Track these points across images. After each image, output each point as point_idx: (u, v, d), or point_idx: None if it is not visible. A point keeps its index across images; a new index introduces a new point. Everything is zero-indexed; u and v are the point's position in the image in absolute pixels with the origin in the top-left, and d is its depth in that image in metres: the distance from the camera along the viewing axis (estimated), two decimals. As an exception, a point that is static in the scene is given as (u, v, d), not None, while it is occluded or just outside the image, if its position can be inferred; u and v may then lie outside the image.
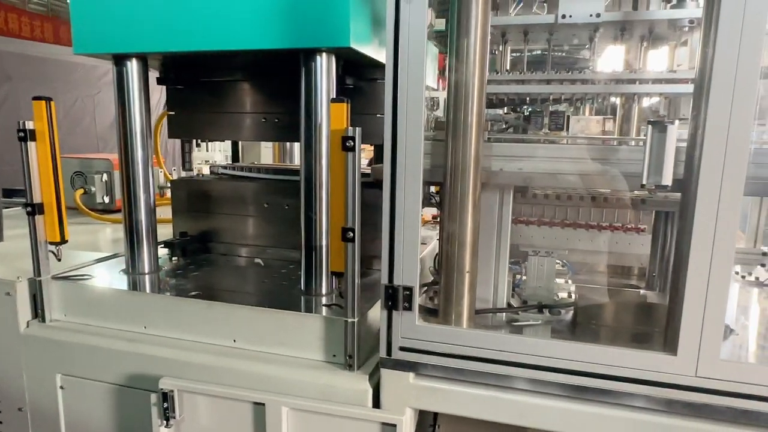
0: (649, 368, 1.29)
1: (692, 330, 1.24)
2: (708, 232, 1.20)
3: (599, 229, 1.93)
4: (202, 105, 2.31)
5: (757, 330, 1.87)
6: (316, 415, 1.54)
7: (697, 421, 1.28)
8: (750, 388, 1.23)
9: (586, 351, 1.34)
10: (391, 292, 1.45)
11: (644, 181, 1.25)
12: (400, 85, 1.35)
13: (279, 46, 1.64)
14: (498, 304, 1.78)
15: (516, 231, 1.94)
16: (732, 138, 1.16)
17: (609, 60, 2.39)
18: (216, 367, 1.67)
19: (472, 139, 1.49)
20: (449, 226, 1.55)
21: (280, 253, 2.30)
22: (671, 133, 1.20)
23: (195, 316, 1.76)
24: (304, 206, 1.79)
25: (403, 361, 1.48)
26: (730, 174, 1.17)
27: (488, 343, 1.40)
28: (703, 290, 1.22)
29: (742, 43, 1.13)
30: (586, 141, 1.79)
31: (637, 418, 1.31)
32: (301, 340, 1.65)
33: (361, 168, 1.54)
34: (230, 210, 2.37)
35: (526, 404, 1.39)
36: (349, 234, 1.48)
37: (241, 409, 1.61)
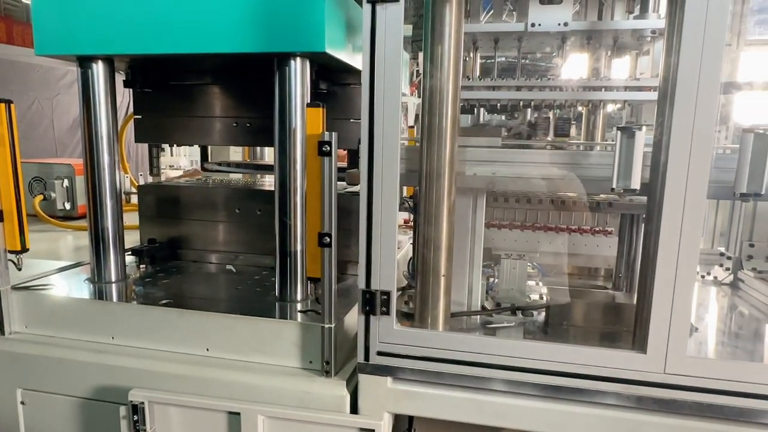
0: (620, 366, 1.33)
1: (660, 329, 1.29)
2: (674, 235, 1.25)
3: (568, 232, 1.98)
4: (171, 109, 2.27)
5: (716, 327, 1.96)
6: (292, 422, 1.52)
7: (665, 416, 1.33)
8: (714, 383, 1.28)
9: (560, 351, 1.37)
10: (368, 297, 1.45)
11: (614, 185, 1.29)
12: (376, 90, 1.36)
13: (252, 50, 1.62)
14: (472, 307, 1.81)
15: (488, 235, 1.97)
16: (696, 143, 1.21)
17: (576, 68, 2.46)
18: (189, 377, 1.63)
19: (447, 143, 1.51)
20: (425, 230, 1.57)
21: (252, 259, 2.26)
22: (639, 138, 1.25)
23: (166, 325, 1.71)
24: (278, 211, 1.77)
25: (380, 366, 1.48)
26: (694, 178, 1.23)
27: (465, 346, 1.42)
28: (670, 290, 1.27)
29: (704, 53, 1.19)
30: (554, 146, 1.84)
31: (608, 415, 1.35)
32: (276, 347, 1.63)
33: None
34: (201, 216, 2.32)
35: (502, 405, 1.41)
36: (325, 239, 1.48)
37: (216, 420, 1.57)
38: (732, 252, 2.38)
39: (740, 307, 2.09)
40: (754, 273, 2.21)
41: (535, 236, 2.00)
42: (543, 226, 2.01)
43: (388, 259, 1.43)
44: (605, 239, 1.98)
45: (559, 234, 1.98)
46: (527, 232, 2.00)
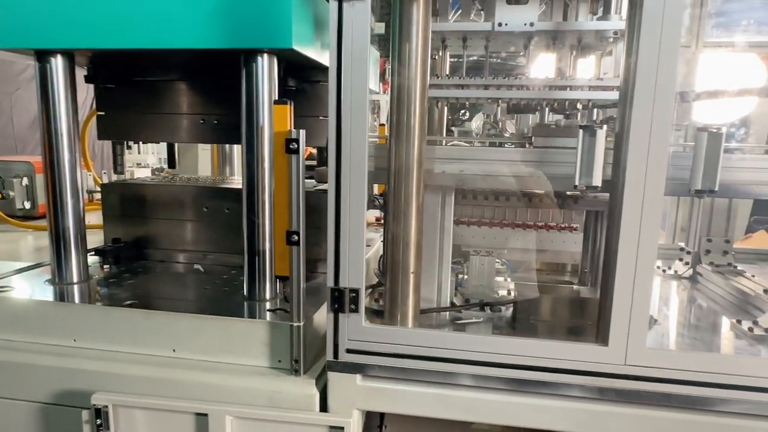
0: (584, 359, 1.37)
1: (621, 321, 1.33)
2: (633, 230, 1.29)
3: (535, 229, 2.02)
4: (135, 105, 2.21)
5: (677, 319, 2.03)
6: (261, 422, 1.50)
7: (626, 406, 1.37)
8: (672, 373, 1.33)
9: (526, 346, 1.40)
10: (337, 295, 1.45)
11: (577, 182, 1.33)
12: (343, 87, 1.36)
13: (218, 46, 1.60)
14: (442, 304, 1.82)
15: (457, 232, 2.00)
16: (653, 142, 1.25)
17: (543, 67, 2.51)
18: (155, 379, 1.60)
19: (415, 141, 1.51)
20: (394, 227, 1.57)
21: (221, 258, 2.23)
22: (600, 137, 1.28)
23: (130, 327, 1.68)
24: (246, 209, 1.75)
25: (350, 363, 1.48)
26: (652, 175, 1.27)
27: (433, 342, 1.43)
28: (630, 284, 1.30)
29: (660, 54, 1.22)
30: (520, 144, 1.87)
31: (572, 407, 1.39)
32: (245, 347, 1.62)
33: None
34: (167, 215, 2.28)
35: (470, 400, 1.43)
36: (294, 237, 1.47)
37: (183, 422, 1.55)
38: (691, 247, 2.47)
39: (699, 300, 2.17)
40: (711, 267, 2.30)
41: (503, 233, 2.03)
42: (511, 223, 2.04)
43: (357, 256, 1.43)
44: (571, 235, 2.02)
45: (527, 230, 2.01)
46: (495, 229, 2.03)
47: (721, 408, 1.32)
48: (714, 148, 1.24)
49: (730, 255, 2.35)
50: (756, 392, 1.30)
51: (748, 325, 1.71)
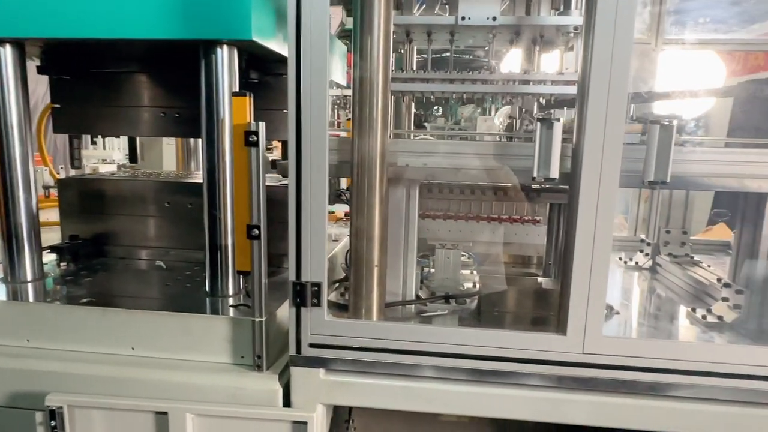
0: (543, 349, 1.39)
1: (578, 311, 1.35)
2: (589, 221, 1.31)
3: (499, 221, 2.04)
4: (92, 97, 2.14)
5: (637, 309, 2.09)
6: (223, 419, 1.48)
7: (584, 394, 1.40)
8: (627, 360, 1.36)
9: (487, 336, 1.41)
10: (299, 289, 1.44)
11: (535, 174, 1.34)
12: (303, 79, 1.34)
13: (174, 37, 1.56)
14: (407, 297, 1.83)
15: (423, 225, 2.01)
16: (608, 135, 1.28)
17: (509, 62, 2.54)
18: (113, 378, 1.56)
19: (377, 134, 1.51)
20: (357, 221, 1.57)
21: (184, 254, 2.19)
22: (557, 129, 1.30)
23: (87, 325, 1.63)
24: (207, 204, 1.71)
25: (313, 358, 1.47)
26: (607, 168, 1.29)
27: (396, 335, 1.44)
28: (587, 274, 1.33)
29: (614, 49, 1.25)
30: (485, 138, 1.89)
31: (532, 396, 1.41)
32: (206, 343, 1.59)
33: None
34: (128, 210, 2.22)
35: (433, 391, 1.44)
36: (254, 231, 1.45)
37: (142, 421, 1.51)
38: (651, 239, 2.54)
39: (657, 289, 2.23)
40: (669, 258, 2.37)
41: (468, 226, 2.05)
42: (476, 216, 2.06)
43: (319, 250, 1.42)
44: (534, 228, 2.05)
45: (491, 223, 2.03)
46: (461, 222, 2.05)
47: (673, 393, 1.36)
48: (666, 141, 1.28)
49: (688, 246, 2.43)
50: (706, 377, 1.34)
51: (702, 313, 1.77)
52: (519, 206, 2.11)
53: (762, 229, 1.66)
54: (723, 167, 1.51)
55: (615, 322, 1.77)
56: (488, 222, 2.04)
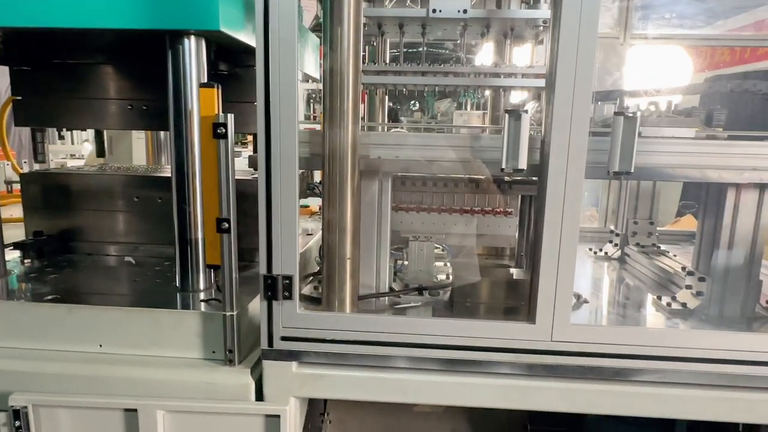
0: (513, 337, 1.41)
1: (547, 300, 1.38)
2: (557, 212, 1.34)
3: (472, 213, 2.05)
4: (56, 89, 2.08)
5: (605, 298, 2.13)
6: (195, 415, 1.47)
7: (553, 381, 1.43)
8: (594, 347, 1.39)
9: (458, 326, 1.43)
10: (270, 282, 1.43)
11: (504, 166, 1.36)
12: (271, 68, 1.33)
13: (139, 27, 1.51)
14: (381, 290, 1.83)
15: (396, 218, 2.01)
16: (574, 127, 1.30)
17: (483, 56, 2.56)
18: (80, 376, 1.52)
19: (348, 126, 1.51)
20: (329, 213, 1.56)
21: (154, 250, 2.15)
22: (525, 121, 1.31)
23: (53, 323, 1.59)
24: (176, 198, 1.68)
25: (285, 351, 1.46)
26: (573, 159, 1.32)
27: (368, 326, 1.44)
28: (555, 264, 1.36)
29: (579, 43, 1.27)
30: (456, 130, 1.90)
31: (502, 384, 1.43)
32: (177, 338, 1.57)
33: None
34: (95, 205, 2.17)
35: (406, 381, 1.45)
36: (224, 225, 1.43)
37: (111, 419, 1.49)
38: (620, 229, 2.60)
39: (626, 279, 2.29)
40: (637, 248, 2.43)
41: (441, 218, 2.06)
42: (449, 209, 2.07)
43: (290, 243, 1.42)
44: (506, 219, 2.07)
45: (464, 216, 2.05)
46: (434, 215, 2.05)
47: (639, 378, 1.40)
48: (629, 132, 1.31)
49: (654, 236, 2.50)
50: (670, 361, 1.38)
51: (667, 300, 1.82)
52: (491, 198, 2.13)
53: (723, 218, 1.71)
54: (685, 158, 1.55)
55: (584, 311, 1.81)
56: (461, 214, 2.05)
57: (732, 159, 1.56)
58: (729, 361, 1.38)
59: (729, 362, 1.38)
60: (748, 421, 1.42)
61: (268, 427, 1.46)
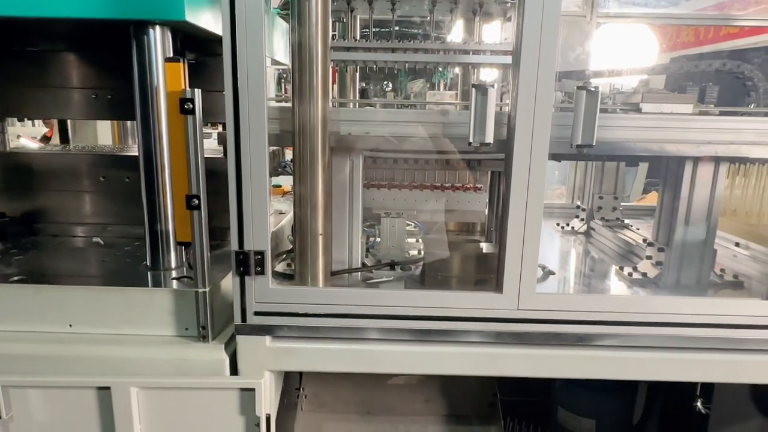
0: (481, 307, 1.46)
1: (513, 270, 1.42)
2: (522, 185, 1.37)
3: (443, 190, 2.09)
4: (16, 78, 2.01)
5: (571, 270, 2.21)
6: (169, 391, 1.48)
7: (519, 348, 1.48)
8: (558, 314, 1.45)
9: (428, 297, 1.47)
10: (242, 258, 1.43)
11: (471, 140, 1.39)
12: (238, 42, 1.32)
13: (102, 16, 1.47)
14: (353, 266, 1.86)
15: (369, 195, 2.03)
16: (539, 101, 1.33)
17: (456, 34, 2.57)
18: (50, 357, 1.51)
19: (318, 101, 1.50)
20: (300, 189, 1.57)
21: (123, 230, 2.12)
22: (491, 95, 1.34)
23: (18, 304, 1.56)
24: (144, 175, 1.66)
25: (258, 326, 1.48)
26: (538, 134, 1.35)
27: (340, 299, 1.47)
28: (521, 235, 1.40)
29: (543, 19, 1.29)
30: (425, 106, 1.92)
31: (471, 352, 1.48)
32: (149, 316, 1.56)
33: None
34: (60, 186, 2.12)
35: (378, 352, 1.49)
36: (194, 201, 1.43)
37: (84, 398, 1.49)
38: (586, 205, 2.67)
39: (591, 252, 2.37)
40: (602, 222, 2.51)
41: (412, 195, 2.08)
42: (420, 185, 2.10)
43: (261, 218, 1.42)
44: (476, 195, 2.11)
45: (434, 192, 2.08)
46: (405, 192, 2.08)
47: (600, 342, 1.47)
48: (591, 106, 1.35)
49: (619, 211, 2.58)
50: (628, 326, 1.45)
51: (628, 270, 1.89)
52: (461, 175, 2.17)
53: (681, 191, 1.78)
54: (644, 133, 1.61)
55: (550, 282, 1.87)
56: (432, 190, 2.08)
57: (690, 133, 1.62)
58: (684, 324, 1.46)
59: (684, 325, 1.46)
60: (701, 380, 1.50)
61: (243, 400, 1.48)
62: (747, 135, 1.63)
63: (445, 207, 2.13)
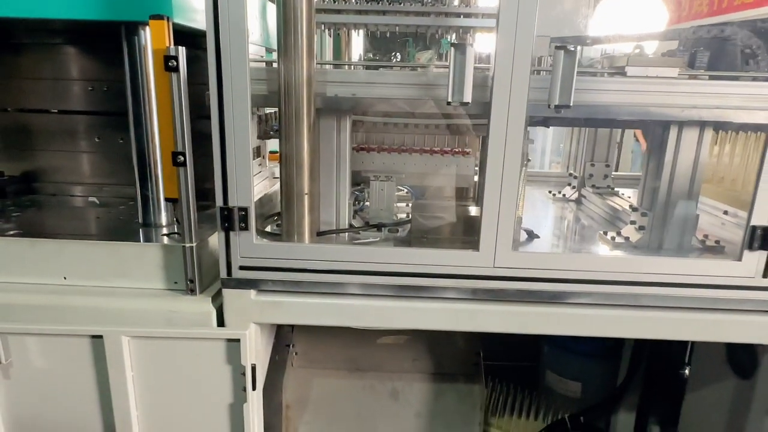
0: (459, 264, 1.50)
1: (490, 228, 1.46)
2: (499, 143, 1.40)
3: (431, 153, 2.11)
4: (16, 70, 2.06)
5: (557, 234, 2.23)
6: (159, 340, 1.55)
7: (495, 304, 1.53)
8: (532, 273, 1.49)
9: (407, 254, 1.51)
10: (226, 214, 1.48)
11: (450, 99, 1.40)
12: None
13: (94, 18, 1.51)
14: (341, 227, 1.90)
15: (358, 158, 2.05)
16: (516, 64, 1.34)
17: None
18: (46, 307, 1.58)
19: (303, 61, 1.52)
20: (286, 149, 1.60)
21: (118, 190, 2.17)
22: (470, 54, 1.35)
23: (15, 257, 1.63)
24: (134, 133, 1.70)
25: (243, 280, 1.53)
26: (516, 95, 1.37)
27: (321, 255, 1.52)
28: (497, 193, 1.43)
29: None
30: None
31: (449, 307, 1.53)
32: (140, 270, 1.63)
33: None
34: (57, 146, 2.17)
35: (359, 307, 1.54)
36: (179, 158, 1.47)
37: (78, 346, 1.56)
38: (578, 173, 2.68)
39: (580, 218, 2.39)
40: (592, 189, 2.52)
41: (401, 158, 2.11)
42: (408, 149, 2.12)
43: (244, 175, 1.46)
44: (464, 159, 2.13)
45: (423, 155, 2.10)
46: (394, 155, 2.10)
47: (572, 300, 1.51)
48: (569, 66, 1.35)
49: (610, 178, 2.59)
50: (599, 285, 1.49)
51: (611, 234, 1.92)
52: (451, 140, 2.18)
53: (665, 156, 1.79)
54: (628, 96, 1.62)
55: (533, 245, 1.91)
56: (420, 154, 2.10)
57: (674, 97, 1.63)
58: (654, 283, 1.49)
59: (654, 285, 1.49)
60: (672, 338, 1.55)
61: (230, 350, 1.54)
62: (733, 99, 1.63)
63: (434, 171, 2.15)
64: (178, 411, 1.60)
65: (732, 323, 1.51)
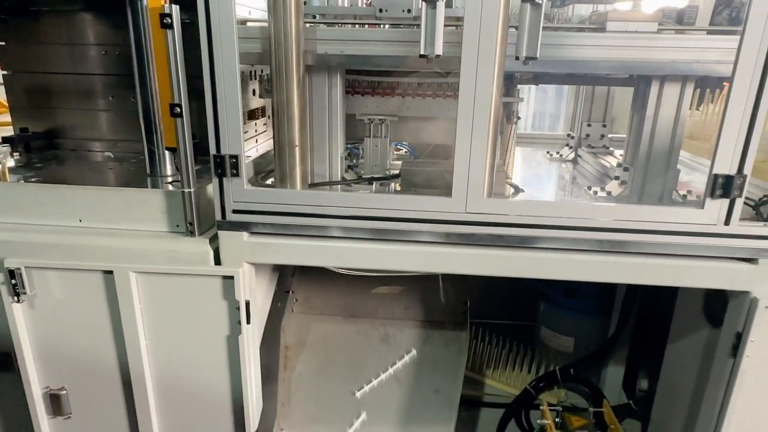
0: (433, 209, 1.61)
1: (462, 174, 1.55)
2: (469, 94, 1.48)
3: (423, 97, 2.13)
4: (35, 36, 2.22)
5: (544, 190, 2.29)
6: (162, 276, 1.71)
7: (467, 248, 1.63)
8: (502, 218, 1.58)
9: (385, 200, 1.62)
10: (219, 161, 1.61)
11: (422, 52, 1.48)
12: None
13: None
14: (333, 179, 2.01)
15: (352, 102, 2.11)
16: (485, 16, 1.41)
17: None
18: (63, 245, 1.76)
19: (292, 17, 1.61)
20: (278, 102, 1.71)
21: (130, 146, 2.34)
22: (440, 8, 1.42)
23: (37, 200, 1.81)
24: (139, 92, 1.84)
25: (236, 222, 1.68)
26: (484, 45, 1.44)
27: (307, 200, 1.64)
28: (468, 141, 1.52)
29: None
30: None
31: (424, 251, 1.64)
32: (145, 214, 1.79)
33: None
34: (76, 105, 2.34)
35: (341, 248, 1.67)
36: (176, 109, 1.59)
37: (92, 280, 1.74)
38: (576, 133, 2.72)
39: (576, 178, 2.45)
40: (587, 149, 2.57)
41: (395, 101, 2.13)
42: (402, 92, 2.14)
43: (234, 126, 1.58)
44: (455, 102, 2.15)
45: (416, 98, 2.12)
46: (387, 98, 2.14)
47: (539, 245, 1.60)
48: (535, 19, 1.41)
49: (606, 138, 2.63)
50: (564, 230, 1.57)
51: (595, 189, 1.99)
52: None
53: (646, 110, 1.83)
54: (607, 52, 1.66)
55: (517, 198, 1.99)
56: (413, 97, 2.12)
57: (655, 52, 1.66)
58: (620, 230, 1.57)
59: (620, 231, 1.57)
60: (635, 282, 1.62)
61: (225, 287, 1.70)
62: (711, 54, 1.66)
63: (427, 114, 2.17)
64: (182, 341, 1.78)
65: (695, 268, 1.58)
